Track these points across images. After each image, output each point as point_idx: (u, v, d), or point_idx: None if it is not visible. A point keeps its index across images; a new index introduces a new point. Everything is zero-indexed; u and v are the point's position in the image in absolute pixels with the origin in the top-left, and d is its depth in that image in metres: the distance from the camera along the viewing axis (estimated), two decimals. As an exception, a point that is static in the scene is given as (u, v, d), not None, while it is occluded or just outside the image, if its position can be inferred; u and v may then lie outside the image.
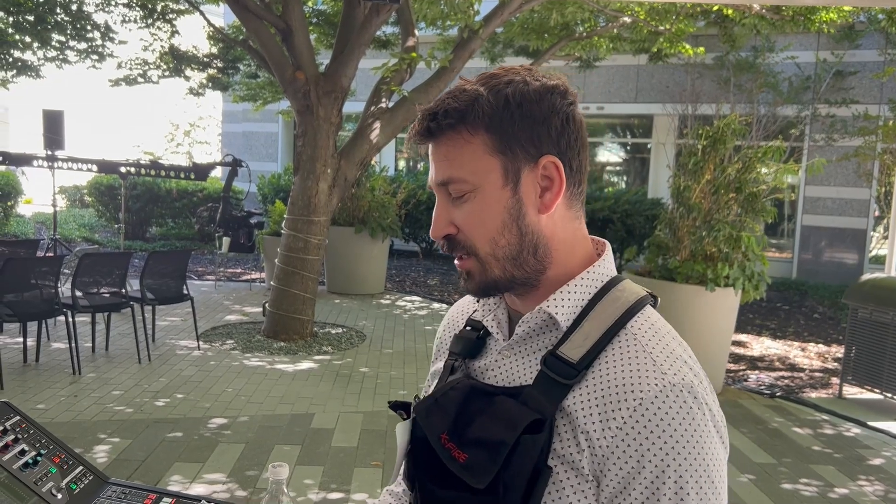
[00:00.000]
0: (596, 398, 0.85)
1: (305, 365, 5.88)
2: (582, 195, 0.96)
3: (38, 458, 1.29)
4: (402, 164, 16.19)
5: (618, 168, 15.81)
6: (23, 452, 1.27)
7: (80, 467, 1.36)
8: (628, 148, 15.45)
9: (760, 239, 5.45)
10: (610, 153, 15.88)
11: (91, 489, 1.33)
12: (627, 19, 8.84)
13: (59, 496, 1.25)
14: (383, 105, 7.06)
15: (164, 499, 1.36)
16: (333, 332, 7.14)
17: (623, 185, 14.78)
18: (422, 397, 1.00)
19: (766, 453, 4.38)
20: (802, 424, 4.98)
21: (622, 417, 0.82)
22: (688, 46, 9.35)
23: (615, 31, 9.54)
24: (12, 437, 1.29)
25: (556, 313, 0.92)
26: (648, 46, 9.82)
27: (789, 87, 11.72)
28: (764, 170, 5.68)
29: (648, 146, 14.32)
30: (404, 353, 6.43)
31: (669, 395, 0.82)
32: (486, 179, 0.90)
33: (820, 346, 7.68)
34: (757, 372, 6.44)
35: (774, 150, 5.41)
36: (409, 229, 12.98)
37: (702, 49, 9.94)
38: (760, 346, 7.56)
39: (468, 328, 1.06)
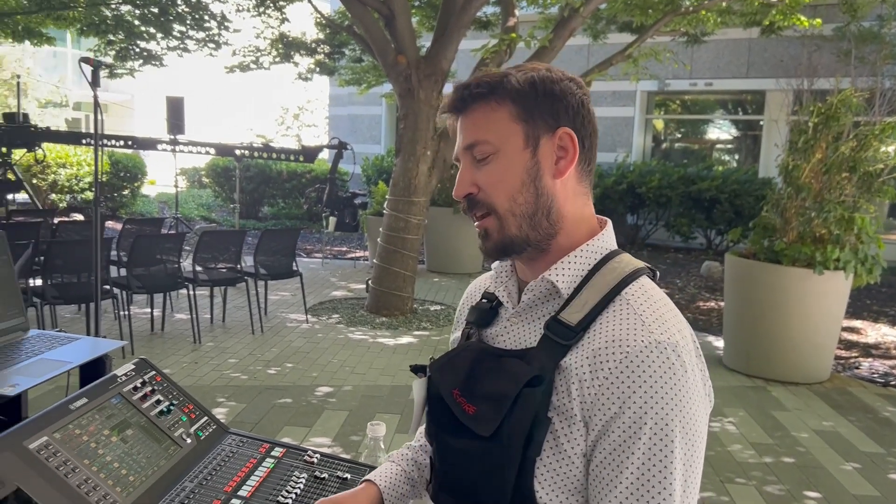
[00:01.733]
0: (588, 354, 0.94)
1: (405, 339, 6.11)
2: (591, 175, 1.07)
3: (171, 408, 1.48)
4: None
5: (728, 146, 15.20)
6: (158, 402, 1.47)
7: (206, 417, 1.55)
8: (739, 125, 14.81)
9: (875, 220, 5.17)
10: (719, 130, 15.28)
11: (214, 437, 1.52)
12: (737, -9, 8.48)
13: (189, 441, 1.44)
14: (483, 86, 7.12)
15: (276, 448, 1.54)
16: (432, 309, 7.34)
17: (733, 164, 14.22)
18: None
19: (874, 442, 4.21)
20: (918, 416, 4.74)
21: (609, 368, 0.92)
22: (803, 18, 8.86)
23: (724, 3, 9.17)
24: (150, 388, 1.49)
25: (558, 281, 1.02)
26: (760, 19, 9.36)
27: (919, 58, 10.88)
28: (883, 148, 5.37)
29: (760, 123, 13.68)
30: (501, 332, 6.53)
31: (654, 350, 0.91)
32: (509, 142, 1.01)
33: (945, 335, 7.20)
34: (870, 359, 6.13)
35: (894, 126, 5.10)
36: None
37: (818, 21, 9.39)
38: (876, 332, 7.17)
39: (483, 300, 1.17)
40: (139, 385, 1.47)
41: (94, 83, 3.81)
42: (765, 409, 4.68)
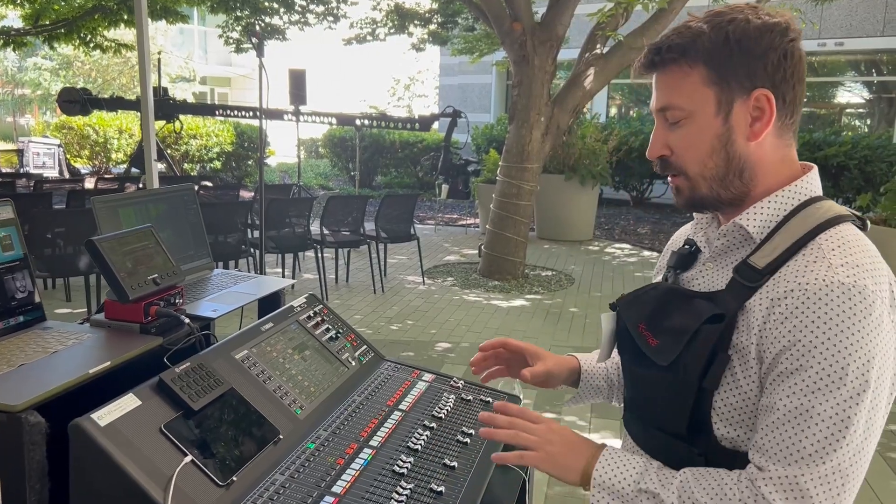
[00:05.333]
0: (769, 294, 0.96)
1: (518, 302, 6.28)
2: (795, 125, 1.03)
3: (338, 336, 1.72)
4: (613, 111, 15.92)
5: (859, 110, 14.28)
6: (328, 330, 1.71)
7: (365, 346, 1.78)
8: (873, 87, 13.87)
9: None
10: (850, 93, 14.36)
11: (373, 362, 1.76)
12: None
13: (353, 363, 1.67)
14: (598, 51, 7.10)
15: (426, 374, 1.75)
16: (543, 274, 7.46)
17: (864, 129, 13.35)
18: None
19: None
20: None
21: (786, 306, 0.93)
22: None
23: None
24: (319, 318, 1.73)
25: (748, 226, 1.03)
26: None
27: None
28: None
29: (897, 84, 12.77)
30: (614, 297, 6.51)
31: (835, 290, 0.90)
32: (701, 108, 1.00)
33: None
34: None
35: None
36: (620, 177, 12.78)
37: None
38: None
39: (685, 246, 1.20)
40: (311, 315, 1.71)
41: (259, 53, 4.12)
42: (892, 379, 4.54)
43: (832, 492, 0.90)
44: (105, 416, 1.08)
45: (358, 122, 9.59)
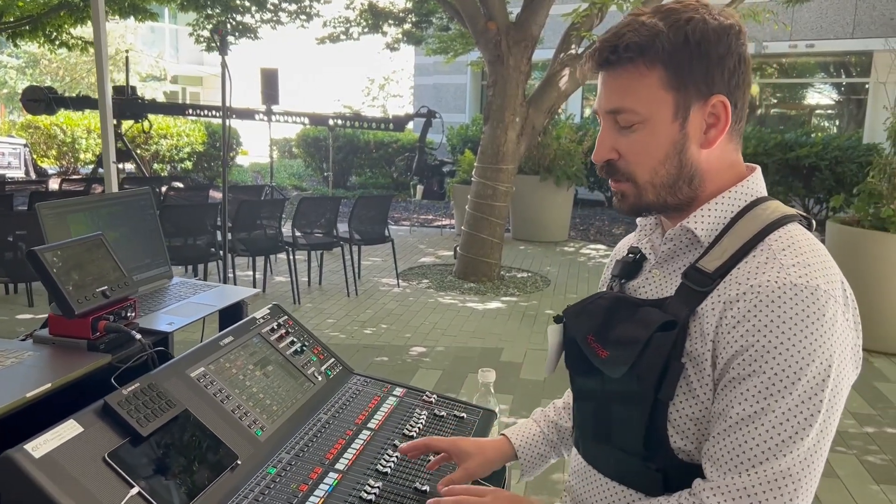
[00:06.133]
0: (721, 298, 0.92)
1: (494, 304, 6.21)
2: (741, 129, 1.00)
3: (304, 349, 1.63)
4: (587, 111, 15.96)
5: (829, 111, 14.46)
6: (292, 343, 1.62)
7: (333, 359, 1.69)
8: (842, 89, 14.05)
9: None
10: (820, 95, 14.54)
11: (341, 377, 1.66)
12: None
13: (320, 378, 1.58)
14: (572, 52, 7.06)
15: (397, 388, 1.66)
16: (519, 275, 7.41)
17: (834, 130, 13.53)
18: None
19: None
20: None
21: (738, 309, 0.89)
22: (919, -29, 8.30)
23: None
24: (284, 330, 1.63)
25: (696, 229, 0.98)
26: (870, -26, 8.83)
27: None
28: None
29: (866, 86, 12.94)
30: (589, 299, 6.55)
31: (787, 292, 0.86)
32: (657, 113, 0.94)
33: None
34: (984, 334, 5.82)
35: None
36: (594, 178, 12.81)
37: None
38: None
39: (629, 255, 1.15)
40: (275, 327, 1.62)
41: (223, 51, 4.00)
42: (867, 379, 4.55)
43: (784, 498, 0.86)
44: (41, 445, 0.98)
45: (331, 122, 9.47)
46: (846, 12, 12.44)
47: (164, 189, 8.17)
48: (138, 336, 1.36)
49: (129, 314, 1.42)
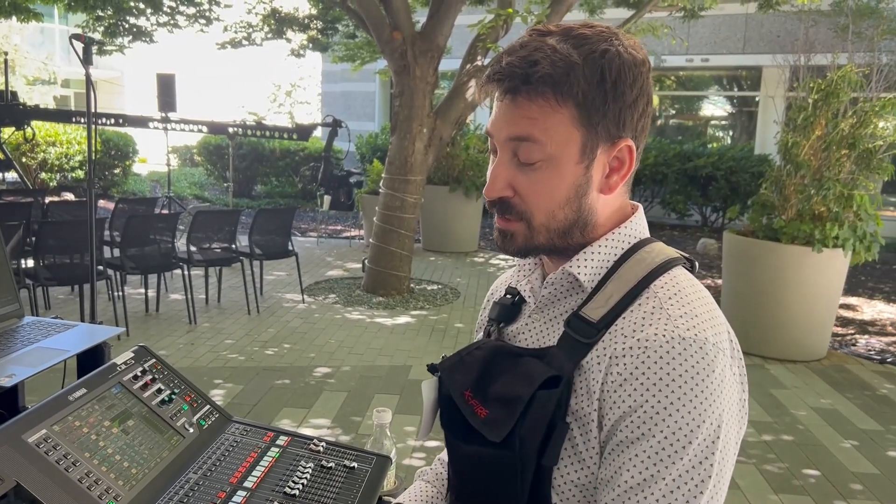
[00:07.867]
0: (607, 352, 0.85)
1: (403, 319, 6.08)
2: (635, 169, 0.94)
3: (173, 397, 1.44)
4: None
5: (723, 123, 15.16)
6: (159, 391, 1.43)
7: (208, 406, 1.51)
8: (734, 101, 14.76)
9: (874, 198, 5.16)
10: (714, 107, 15.24)
11: (217, 426, 1.48)
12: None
13: (191, 430, 1.40)
14: (479, 63, 7.04)
15: (281, 437, 1.50)
16: (429, 288, 7.31)
17: (728, 141, 14.18)
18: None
19: (872, 420, 4.23)
20: (915, 393, 4.76)
21: (625, 364, 0.82)
22: (802, -8, 8.78)
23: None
24: (150, 377, 1.44)
25: (580, 274, 0.92)
26: (758, -7, 9.29)
27: (917, 33, 10.81)
28: (882, 124, 5.34)
29: (756, 99, 13.64)
30: (498, 310, 6.51)
31: (676, 346, 0.81)
32: (564, 151, 0.87)
33: (940, 311, 7.23)
34: (867, 336, 6.15)
35: (894, 103, 5.06)
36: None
37: (817, -6, 9.31)
38: (872, 309, 7.19)
39: (507, 296, 1.07)
40: (139, 374, 1.43)
41: (86, 60, 3.73)
42: (763, 387, 4.69)
43: None
44: None
45: (231, 130, 9.10)
46: (737, 28, 13.07)
47: (47, 200, 7.61)
48: (-39, 397, 1.15)
49: (-47, 369, 1.21)
